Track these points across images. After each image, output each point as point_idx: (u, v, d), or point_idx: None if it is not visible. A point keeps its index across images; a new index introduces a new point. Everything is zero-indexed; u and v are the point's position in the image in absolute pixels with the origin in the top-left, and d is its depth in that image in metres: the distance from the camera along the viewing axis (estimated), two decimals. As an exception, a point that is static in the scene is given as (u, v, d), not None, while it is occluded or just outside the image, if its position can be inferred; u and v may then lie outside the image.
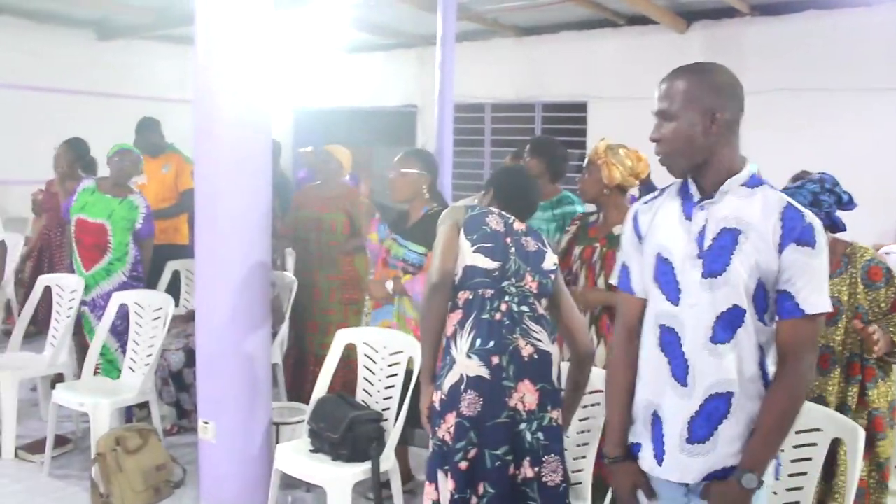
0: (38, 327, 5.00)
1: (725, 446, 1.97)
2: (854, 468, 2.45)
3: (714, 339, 1.94)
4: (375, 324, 3.75)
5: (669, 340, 2.01)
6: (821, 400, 2.79)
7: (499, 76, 9.94)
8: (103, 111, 9.16)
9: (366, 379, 3.57)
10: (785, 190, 2.83)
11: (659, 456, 2.04)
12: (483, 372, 2.51)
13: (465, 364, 2.53)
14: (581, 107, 9.44)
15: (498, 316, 2.57)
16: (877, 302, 2.77)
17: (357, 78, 11.39)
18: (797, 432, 2.63)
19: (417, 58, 10.48)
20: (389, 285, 3.65)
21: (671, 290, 2.00)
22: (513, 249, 2.65)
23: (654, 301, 2.05)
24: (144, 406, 4.54)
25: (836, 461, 2.69)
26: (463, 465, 2.50)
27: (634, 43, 8.84)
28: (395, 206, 3.98)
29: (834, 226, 2.83)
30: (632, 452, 2.12)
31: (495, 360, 2.52)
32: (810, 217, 1.93)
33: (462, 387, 2.52)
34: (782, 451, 2.62)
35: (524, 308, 2.60)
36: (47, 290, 4.87)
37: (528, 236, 2.71)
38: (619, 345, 2.17)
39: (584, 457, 2.97)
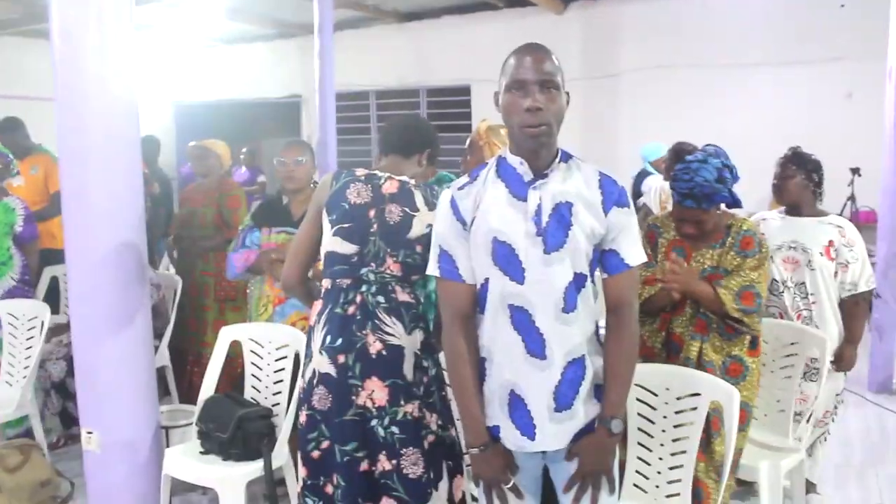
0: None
1: (586, 404, 2.08)
2: (731, 430, 2.56)
3: (566, 309, 2.03)
4: (282, 319, 3.64)
5: (521, 318, 2.05)
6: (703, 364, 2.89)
7: (382, 63, 9.92)
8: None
9: (253, 375, 3.50)
10: (686, 164, 2.92)
11: (528, 431, 2.09)
12: (331, 370, 2.52)
13: (318, 360, 2.55)
14: (465, 90, 9.51)
15: (351, 310, 2.54)
16: (741, 267, 2.89)
17: (239, 69, 11.16)
18: (678, 398, 2.72)
19: (298, 47, 10.34)
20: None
21: (515, 270, 2.05)
22: (374, 227, 2.56)
23: (498, 283, 2.07)
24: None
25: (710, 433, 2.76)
26: (315, 454, 2.55)
27: (514, 25, 8.95)
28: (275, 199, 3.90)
29: (735, 203, 2.94)
30: (495, 437, 2.14)
31: (341, 358, 2.51)
32: (619, 182, 2.12)
33: (314, 381, 2.55)
34: (664, 417, 2.74)
35: (380, 298, 2.53)
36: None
37: (394, 202, 2.59)
38: (456, 334, 2.14)
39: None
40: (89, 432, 3.34)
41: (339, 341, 2.52)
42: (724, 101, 7.95)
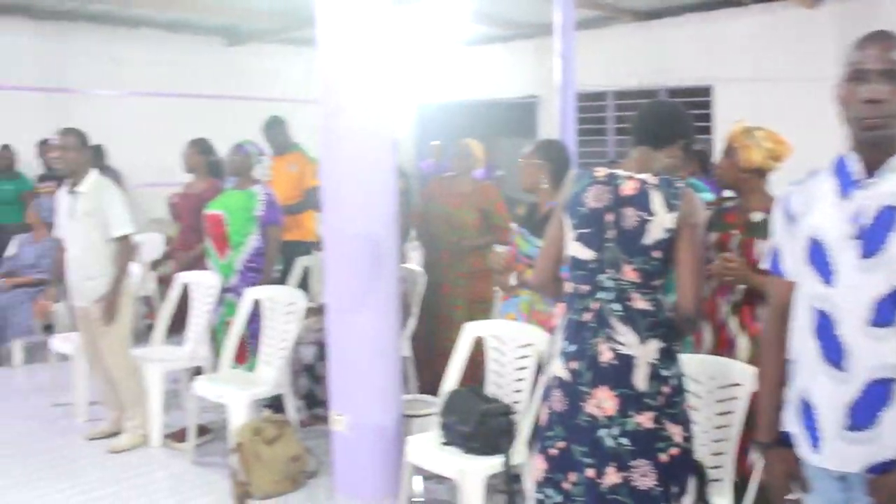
0: (177, 323, 5.24)
1: (889, 436, 1.84)
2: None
3: (875, 322, 1.83)
4: (502, 316, 3.75)
5: (823, 324, 1.91)
6: None
7: (620, 63, 9.75)
8: (233, 114, 9.51)
9: (495, 372, 3.56)
10: None
11: (815, 443, 1.94)
12: (564, 375, 2.52)
13: (555, 363, 2.56)
14: (705, 91, 9.15)
15: (587, 317, 2.50)
16: None
17: (477, 70, 11.40)
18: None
19: (536, 48, 10.39)
20: (513, 280, 3.63)
21: (825, 271, 1.90)
22: (612, 233, 2.49)
23: (807, 283, 1.96)
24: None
25: None
26: (553, 451, 2.55)
27: (761, 21, 8.47)
28: (522, 199, 3.97)
29: None
30: (784, 440, 2.03)
31: (574, 364, 2.50)
32: None
33: (552, 384, 2.57)
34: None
35: (616, 306, 2.47)
36: (186, 287, 5.10)
37: (631, 205, 2.48)
38: (771, 327, 2.11)
39: (722, 453, 2.85)
40: (339, 415, 3.55)
41: (574, 348, 2.51)
42: None
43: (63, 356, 5.34)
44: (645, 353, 2.43)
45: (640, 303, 2.46)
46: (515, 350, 3.47)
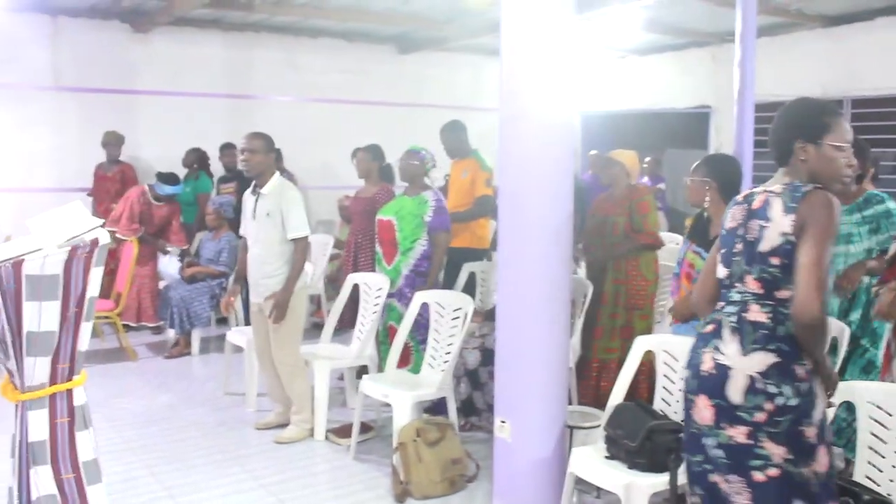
0: (344, 322, 5.41)
1: None
2: None
3: None
4: None
5: None
6: None
7: (803, 71, 9.25)
8: (403, 120, 9.75)
9: (665, 388, 3.44)
10: None
11: None
12: (682, 386, 2.60)
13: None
14: (895, 101, 8.53)
15: (707, 329, 2.54)
16: None
17: (646, 79, 11.16)
18: None
19: (711, 56, 10.05)
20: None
21: None
22: (739, 247, 2.51)
23: None
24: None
25: None
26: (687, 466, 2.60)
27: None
28: (687, 213, 3.87)
29: None
30: None
31: (686, 373, 2.57)
32: None
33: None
34: None
35: (732, 318, 2.45)
36: (355, 288, 5.24)
37: (755, 217, 2.48)
38: None
39: None
40: (503, 421, 3.54)
41: (691, 356, 2.55)
42: None
43: (237, 348, 5.62)
44: (745, 365, 2.36)
45: (757, 314, 2.42)
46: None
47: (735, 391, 2.35)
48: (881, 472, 2.79)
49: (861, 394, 2.89)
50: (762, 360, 2.34)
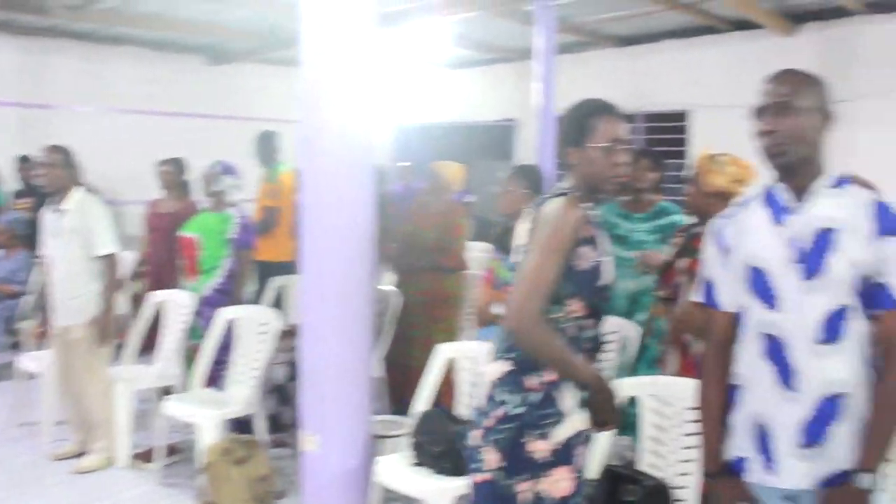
0: (149, 343, 5.21)
1: (838, 449, 1.94)
2: None
3: (820, 341, 1.94)
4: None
5: (773, 348, 2.00)
6: None
7: (599, 87, 9.79)
8: (214, 133, 9.54)
9: (467, 393, 3.55)
10: None
11: (771, 465, 2.02)
12: None
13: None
14: (681, 116, 9.24)
15: None
16: None
17: (456, 93, 11.47)
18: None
19: (515, 72, 10.47)
20: (498, 309, 3.64)
21: (769, 297, 2.01)
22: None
23: (753, 311, 2.05)
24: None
25: None
26: None
27: (739, 49, 8.58)
28: (496, 221, 3.99)
29: None
30: (734, 467, 2.11)
31: None
32: None
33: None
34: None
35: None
36: (159, 307, 5.06)
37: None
38: (711, 358, 2.18)
39: (690, 473, 2.86)
40: (309, 434, 3.52)
41: None
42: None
43: (30, 374, 5.25)
44: (489, 371, 2.35)
45: None
46: (487, 371, 3.47)
47: (482, 397, 2.35)
48: (664, 458, 2.98)
49: (643, 387, 3.09)
50: (500, 367, 2.31)
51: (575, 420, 2.26)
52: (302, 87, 3.41)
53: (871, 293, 1.94)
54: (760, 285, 2.03)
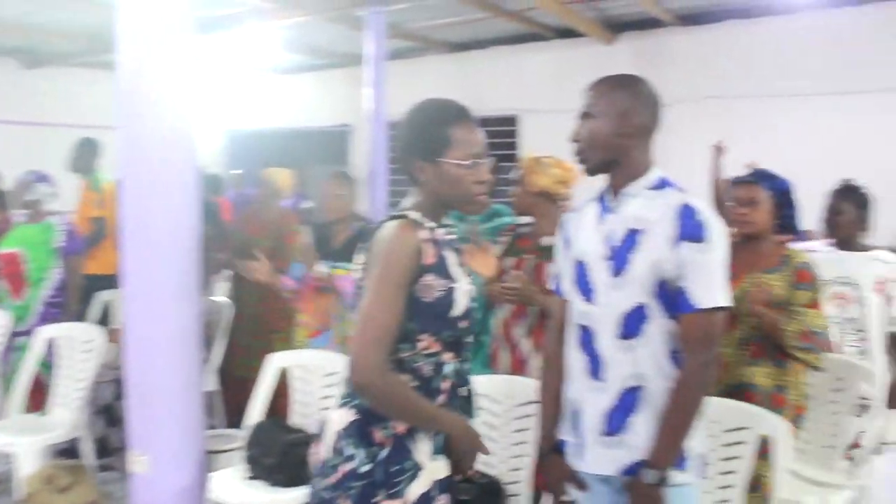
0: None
1: (636, 438, 2.05)
2: (779, 465, 2.54)
3: (623, 335, 2.05)
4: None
5: (585, 338, 2.12)
6: (749, 387, 2.87)
7: (433, 92, 9.76)
8: (29, 141, 8.98)
9: (300, 402, 3.52)
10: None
11: (581, 450, 2.14)
12: None
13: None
14: (512, 120, 9.52)
15: None
16: (796, 298, 2.88)
17: (289, 98, 11.34)
18: (725, 431, 2.67)
19: (348, 77, 10.44)
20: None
21: (586, 290, 2.13)
22: None
23: (574, 302, 2.18)
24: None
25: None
26: None
27: (563, 56, 8.96)
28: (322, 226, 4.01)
29: (792, 229, 3.01)
30: (559, 448, 2.22)
31: None
32: (704, 214, 2.01)
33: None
34: (712, 450, 2.68)
35: None
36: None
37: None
38: (551, 342, 2.30)
39: (520, 469, 2.94)
40: (139, 454, 3.38)
41: None
42: (779, 133, 7.79)
43: None
44: (334, 419, 2.00)
45: None
46: (322, 379, 3.46)
47: (325, 446, 2.00)
48: (495, 455, 3.00)
49: (480, 387, 3.14)
50: (344, 416, 1.97)
51: (432, 470, 1.96)
52: (119, 91, 3.28)
53: (672, 296, 2.01)
54: (581, 278, 2.14)
